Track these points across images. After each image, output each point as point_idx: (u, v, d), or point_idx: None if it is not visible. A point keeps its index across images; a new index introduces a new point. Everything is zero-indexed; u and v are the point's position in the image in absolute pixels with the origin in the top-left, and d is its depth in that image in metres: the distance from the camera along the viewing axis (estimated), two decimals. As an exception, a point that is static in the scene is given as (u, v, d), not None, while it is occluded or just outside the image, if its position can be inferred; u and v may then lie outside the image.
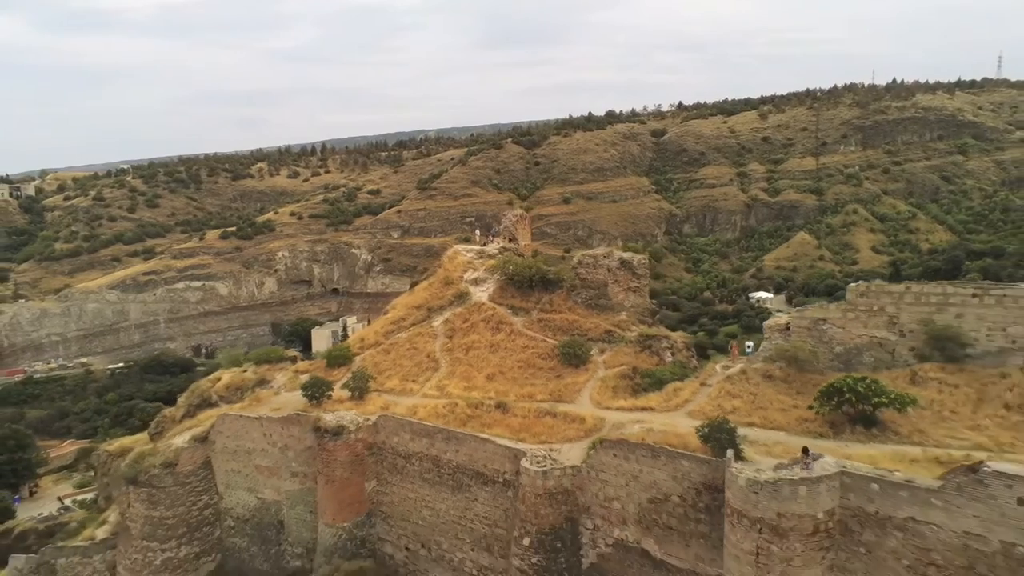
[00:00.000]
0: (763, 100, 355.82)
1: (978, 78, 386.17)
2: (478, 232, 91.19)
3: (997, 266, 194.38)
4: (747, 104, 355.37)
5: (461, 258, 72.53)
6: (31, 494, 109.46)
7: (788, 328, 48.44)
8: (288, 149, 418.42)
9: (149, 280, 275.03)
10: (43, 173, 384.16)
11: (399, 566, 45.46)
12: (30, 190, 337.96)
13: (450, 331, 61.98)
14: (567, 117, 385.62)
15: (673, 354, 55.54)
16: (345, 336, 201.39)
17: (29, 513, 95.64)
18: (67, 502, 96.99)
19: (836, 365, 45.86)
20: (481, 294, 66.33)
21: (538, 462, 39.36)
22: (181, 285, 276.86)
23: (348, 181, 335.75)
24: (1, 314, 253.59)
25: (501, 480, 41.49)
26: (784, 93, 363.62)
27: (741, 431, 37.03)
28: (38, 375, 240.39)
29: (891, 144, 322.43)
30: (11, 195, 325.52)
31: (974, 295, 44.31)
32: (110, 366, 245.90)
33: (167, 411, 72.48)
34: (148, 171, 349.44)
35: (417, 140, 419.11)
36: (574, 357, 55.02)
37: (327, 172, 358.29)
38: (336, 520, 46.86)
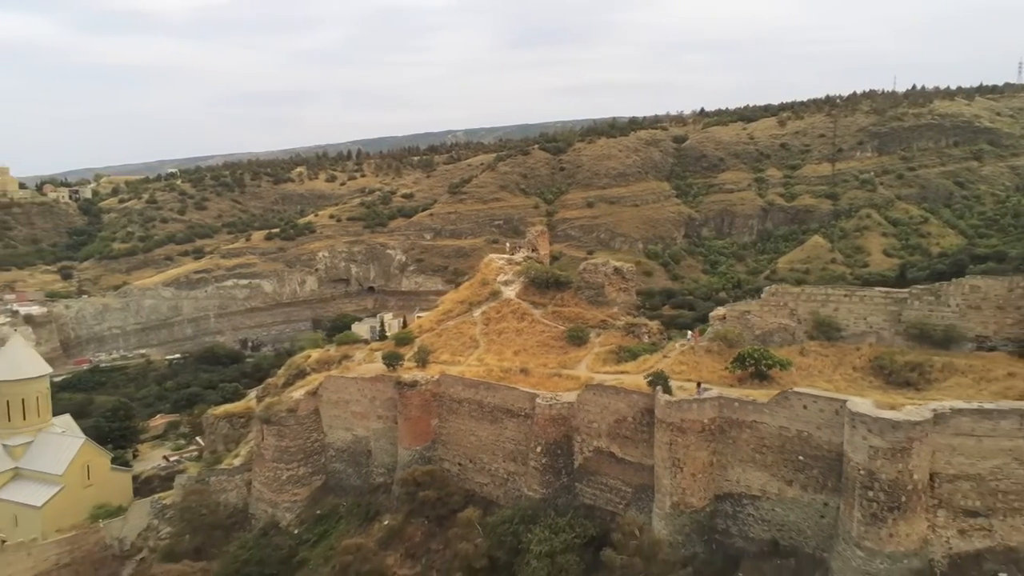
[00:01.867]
0: (783, 107, 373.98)
1: (1000, 83, 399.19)
2: (508, 244, 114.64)
3: (999, 269, 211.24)
4: (767, 110, 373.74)
5: (495, 264, 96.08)
6: (134, 456, 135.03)
7: (725, 318, 71.00)
8: (324, 153, 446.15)
9: (200, 278, 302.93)
10: (97, 176, 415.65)
11: (454, 475, 68.72)
12: (87, 193, 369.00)
13: (486, 320, 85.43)
14: (593, 120, 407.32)
15: (649, 336, 78.38)
16: (383, 331, 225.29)
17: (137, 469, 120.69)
18: (171, 459, 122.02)
19: (755, 343, 68.15)
20: (510, 292, 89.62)
21: (547, 400, 62.59)
22: (229, 283, 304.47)
23: (383, 185, 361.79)
24: (68, 308, 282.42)
25: (522, 414, 64.67)
26: (805, 100, 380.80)
27: (680, 383, 59.65)
28: (103, 365, 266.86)
29: (907, 150, 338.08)
30: (70, 198, 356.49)
31: (845, 295, 66.82)
32: (167, 357, 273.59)
33: (269, 380, 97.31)
34: (195, 175, 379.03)
35: (448, 144, 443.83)
36: (577, 339, 78.14)
37: (363, 176, 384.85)
38: (411, 445, 70.46)
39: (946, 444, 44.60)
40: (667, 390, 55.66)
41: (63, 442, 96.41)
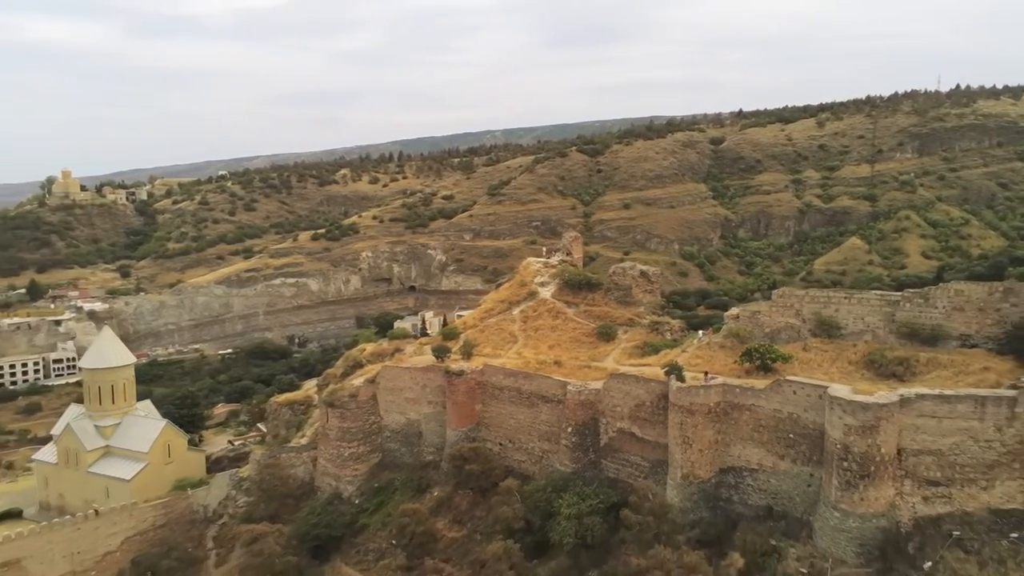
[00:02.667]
0: (822, 107, 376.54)
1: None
2: (544, 248, 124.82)
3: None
4: (805, 111, 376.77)
5: (532, 267, 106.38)
6: (199, 441, 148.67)
7: (738, 317, 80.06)
8: (367, 155, 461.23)
9: (250, 277, 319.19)
10: (151, 178, 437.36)
11: (495, 453, 79.03)
12: (142, 194, 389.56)
13: (524, 317, 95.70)
14: (632, 120, 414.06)
15: (671, 334, 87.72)
16: (424, 328, 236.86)
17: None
18: (236, 443, 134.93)
19: (765, 340, 77.00)
20: (546, 293, 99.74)
21: (576, 387, 72.60)
22: (277, 281, 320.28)
23: (424, 187, 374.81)
24: (127, 305, 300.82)
25: (555, 400, 74.68)
26: (845, 100, 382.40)
27: (695, 373, 69.01)
28: (160, 359, 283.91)
29: (948, 151, 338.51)
30: (127, 199, 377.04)
31: (845, 297, 75.44)
32: (220, 352, 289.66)
33: (329, 370, 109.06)
34: (244, 177, 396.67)
35: (487, 146, 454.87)
36: (606, 335, 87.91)
37: (404, 178, 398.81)
38: (458, 426, 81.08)
39: (911, 424, 53.41)
40: (680, 379, 65.17)
41: (147, 424, 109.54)
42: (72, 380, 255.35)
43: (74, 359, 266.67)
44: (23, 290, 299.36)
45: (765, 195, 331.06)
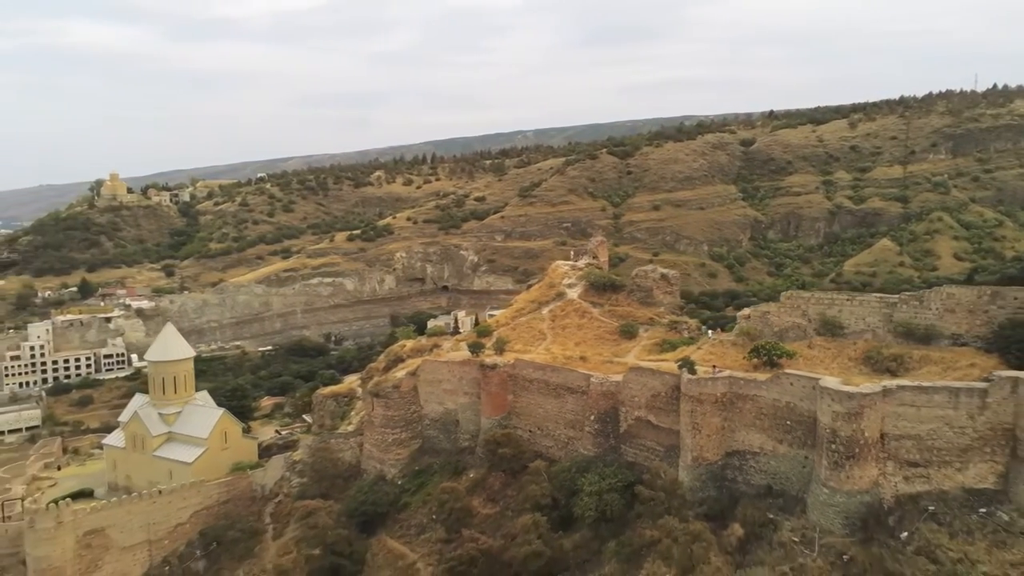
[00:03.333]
0: (854, 108, 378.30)
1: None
2: (572, 252, 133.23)
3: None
4: (837, 112, 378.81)
5: (560, 270, 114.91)
6: (248, 430, 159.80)
7: (749, 317, 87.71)
8: (401, 157, 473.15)
9: (288, 276, 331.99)
10: (193, 180, 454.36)
11: (525, 439, 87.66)
12: (185, 196, 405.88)
13: (553, 316, 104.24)
14: (663, 119, 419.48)
15: (688, 332, 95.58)
16: (456, 327, 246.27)
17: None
18: (283, 433, 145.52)
19: (774, 338, 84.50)
20: (573, 294, 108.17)
21: (599, 379, 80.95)
22: (315, 281, 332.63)
23: (456, 188, 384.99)
24: (172, 303, 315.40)
25: (580, 391, 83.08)
26: (878, 100, 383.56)
27: (706, 367, 76.89)
28: (204, 355, 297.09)
29: (983, 152, 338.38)
30: (171, 201, 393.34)
31: (847, 299, 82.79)
32: (260, 349, 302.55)
33: (372, 364, 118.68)
34: (283, 179, 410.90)
35: (518, 148, 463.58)
36: (628, 333, 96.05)
37: (437, 180, 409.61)
38: (491, 415, 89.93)
39: (893, 411, 60.86)
40: (692, 372, 73.20)
41: (206, 412, 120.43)
42: (122, 375, 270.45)
43: (123, 355, 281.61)
44: (75, 288, 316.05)
45: (795, 196, 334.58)
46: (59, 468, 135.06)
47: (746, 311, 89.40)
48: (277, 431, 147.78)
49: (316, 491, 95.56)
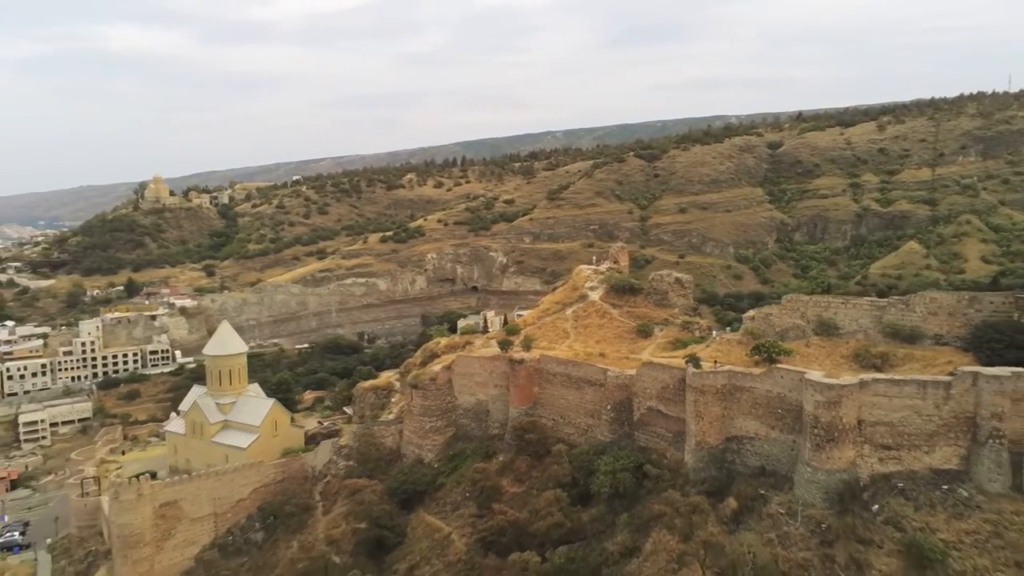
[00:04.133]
0: (883, 110, 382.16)
1: None
2: (594, 257, 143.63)
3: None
4: (866, 115, 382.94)
5: (584, 273, 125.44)
6: (292, 421, 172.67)
7: (753, 318, 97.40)
8: (432, 160, 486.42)
9: (323, 276, 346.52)
10: (231, 182, 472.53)
11: (549, 427, 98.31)
12: (224, 198, 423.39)
13: (575, 317, 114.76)
14: (693, 119, 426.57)
15: (699, 332, 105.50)
16: (485, 326, 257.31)
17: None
18: (325, 424, 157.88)
19: (776, 337, 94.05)
20: (594, 296, 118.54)
21: (615, 373, 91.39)
22: (349, 281, 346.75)
23: (486, 191, 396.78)
24: (213, 302, 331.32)
25: (598, 384, 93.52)
26: (907, 102, 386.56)
27: (709, 364, 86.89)
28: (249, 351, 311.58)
29: (1014, 154, 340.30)
30: (211, 203, 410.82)
31: (842, 302, 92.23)
32: (297, 346, 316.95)
33: (409, 360, 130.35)
34: (317, 182, 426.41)
35: (547, 151, 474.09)
36: (644, 332, 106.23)
37: (467, 182, 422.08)
38: (519, 405, 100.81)
39: (868, 401, 70.42)
40: (696, 366, 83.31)
41: (259, 402, 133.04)
42: (166, 370, 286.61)
43: (168, 351, 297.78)
44: (121, 287, 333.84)
45: (822, 199, 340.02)
46: (123, 453, 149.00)
47: (751, 312, 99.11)
48: (319, 422, 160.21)
49: (361, 472, 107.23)
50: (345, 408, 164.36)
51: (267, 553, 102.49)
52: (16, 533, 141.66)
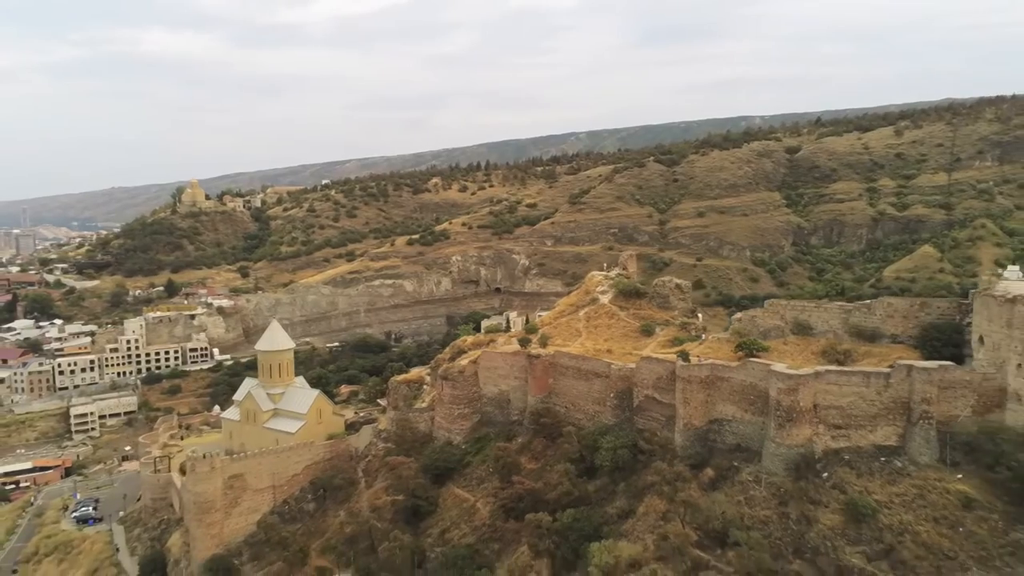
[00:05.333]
0: (902, 115, 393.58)
1: None
2: (605, 264, 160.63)
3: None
4: (884, 119, 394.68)
5: (595, 279, 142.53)
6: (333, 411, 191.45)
7: (741, 319, 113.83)
8: (457, 164, 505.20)
9: (353, 278, 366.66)
10: (264, 187, 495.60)
11: (562, 413, 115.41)
12: (256, 202, 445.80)
13: (587, 318, 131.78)
14: (717, 121, 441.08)
15: (695, 331, 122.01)
16: (508, 327, 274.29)
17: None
18: (360, 414, 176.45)
19: (759, 337, 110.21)
20: (604, 299, 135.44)
21: (618, 367, 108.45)
22: (377, 282, 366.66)
23: (509, 195, 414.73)
24: (248, 302, 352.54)
25: (604, 375, 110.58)
26: (926, 107, 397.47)
27: (695, 359, 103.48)
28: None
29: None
30: (244, 207, 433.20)
31: (815, 307, 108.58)
32: (328, 345, 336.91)
33: (439, 355, 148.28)
34: (346, 186, 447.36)
35: (569, 155, 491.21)
36: (647, 332, 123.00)
37: (491, 186, 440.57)
38: (536, 394, 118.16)
39: (822, 389, 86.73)
40: (686, 360, 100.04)
41: (305, 393, 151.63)
42: (205, 367, 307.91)
43: (206, 349, 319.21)
44: (161, 288, 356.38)
45: (839, 203, 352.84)
46: (182, 438, 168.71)
47: (738, 315, 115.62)
48: (356, 412, 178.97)
49: (398, 452, 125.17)
50: (379, 400, 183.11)
51: (318, 520, 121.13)
52: (90, 507, 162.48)
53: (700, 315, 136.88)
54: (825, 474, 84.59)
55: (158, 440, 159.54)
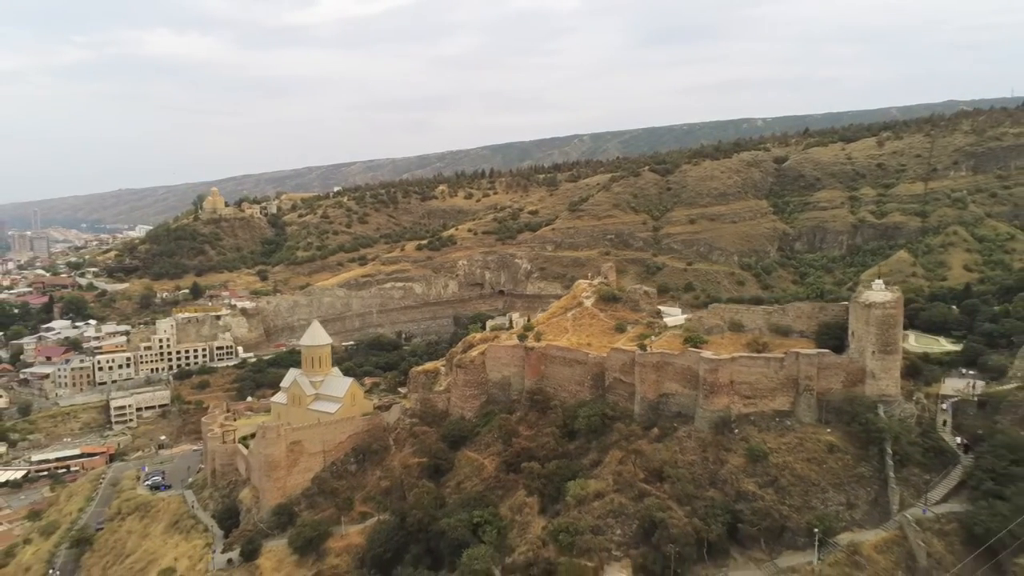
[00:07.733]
0: (884, 126, 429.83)
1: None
2: (589, 274, 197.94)
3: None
4: (868, 130, 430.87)
5: (581, 286, 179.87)
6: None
7: (690, 319, 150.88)
8: (462, 171, 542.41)
9: (365, 281, 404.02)
10: (278, 193, 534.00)
11: (551, 393, 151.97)
12: (272, 208, 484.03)
13: (574, 318, 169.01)
14: (720, 123, 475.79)
15: (659, 329, 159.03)
16: (511, 325, 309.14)
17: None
18: (384, 400, 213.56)
19: (703, 333, 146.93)
20: (588, 303, 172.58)
21: (594, 356, 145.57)
22: (388, 285, 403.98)
23: (512, 202, 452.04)
24: (268, 304, 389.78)
25: (584, 363, 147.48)
26: (907, 119, 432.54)
27: (649, 349, 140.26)
28: (297, 348, 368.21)
29: (1003, 169, 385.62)
30: (261, 213, 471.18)
31: (747, 309, 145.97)
32: (343, 343, 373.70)
33: (452, 349, 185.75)
34: (358, 193, 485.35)
35: (570, 162, 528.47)
36: (620, 329, 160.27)
37: (495, 194, 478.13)
38: (531, 378, 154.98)
39: (737, 369, 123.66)
40: (643, 350, 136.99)
41: (341, 380, 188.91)
42: (231, 364, 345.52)
43: (231, 347, 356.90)
44: (187, 290, 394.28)
45: (822, 211, 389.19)
46: (235, 419, 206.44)
47: (688, 316, 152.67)
48: (379, 398, 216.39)
49: (422, 425, 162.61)
50: (399, 389, 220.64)
51: (360, 477, 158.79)
52: (160, 476, 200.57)
53: (664, 316, 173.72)
54: (737, 430, 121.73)
55: (216, 420, 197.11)
